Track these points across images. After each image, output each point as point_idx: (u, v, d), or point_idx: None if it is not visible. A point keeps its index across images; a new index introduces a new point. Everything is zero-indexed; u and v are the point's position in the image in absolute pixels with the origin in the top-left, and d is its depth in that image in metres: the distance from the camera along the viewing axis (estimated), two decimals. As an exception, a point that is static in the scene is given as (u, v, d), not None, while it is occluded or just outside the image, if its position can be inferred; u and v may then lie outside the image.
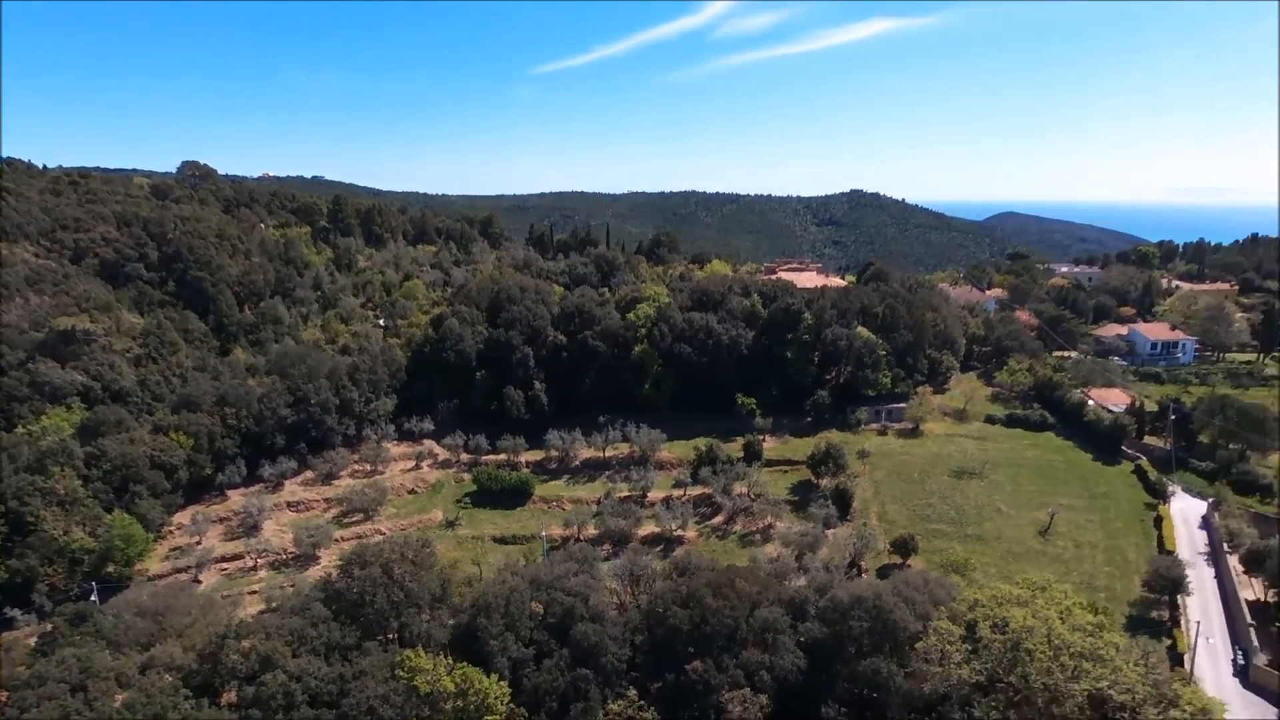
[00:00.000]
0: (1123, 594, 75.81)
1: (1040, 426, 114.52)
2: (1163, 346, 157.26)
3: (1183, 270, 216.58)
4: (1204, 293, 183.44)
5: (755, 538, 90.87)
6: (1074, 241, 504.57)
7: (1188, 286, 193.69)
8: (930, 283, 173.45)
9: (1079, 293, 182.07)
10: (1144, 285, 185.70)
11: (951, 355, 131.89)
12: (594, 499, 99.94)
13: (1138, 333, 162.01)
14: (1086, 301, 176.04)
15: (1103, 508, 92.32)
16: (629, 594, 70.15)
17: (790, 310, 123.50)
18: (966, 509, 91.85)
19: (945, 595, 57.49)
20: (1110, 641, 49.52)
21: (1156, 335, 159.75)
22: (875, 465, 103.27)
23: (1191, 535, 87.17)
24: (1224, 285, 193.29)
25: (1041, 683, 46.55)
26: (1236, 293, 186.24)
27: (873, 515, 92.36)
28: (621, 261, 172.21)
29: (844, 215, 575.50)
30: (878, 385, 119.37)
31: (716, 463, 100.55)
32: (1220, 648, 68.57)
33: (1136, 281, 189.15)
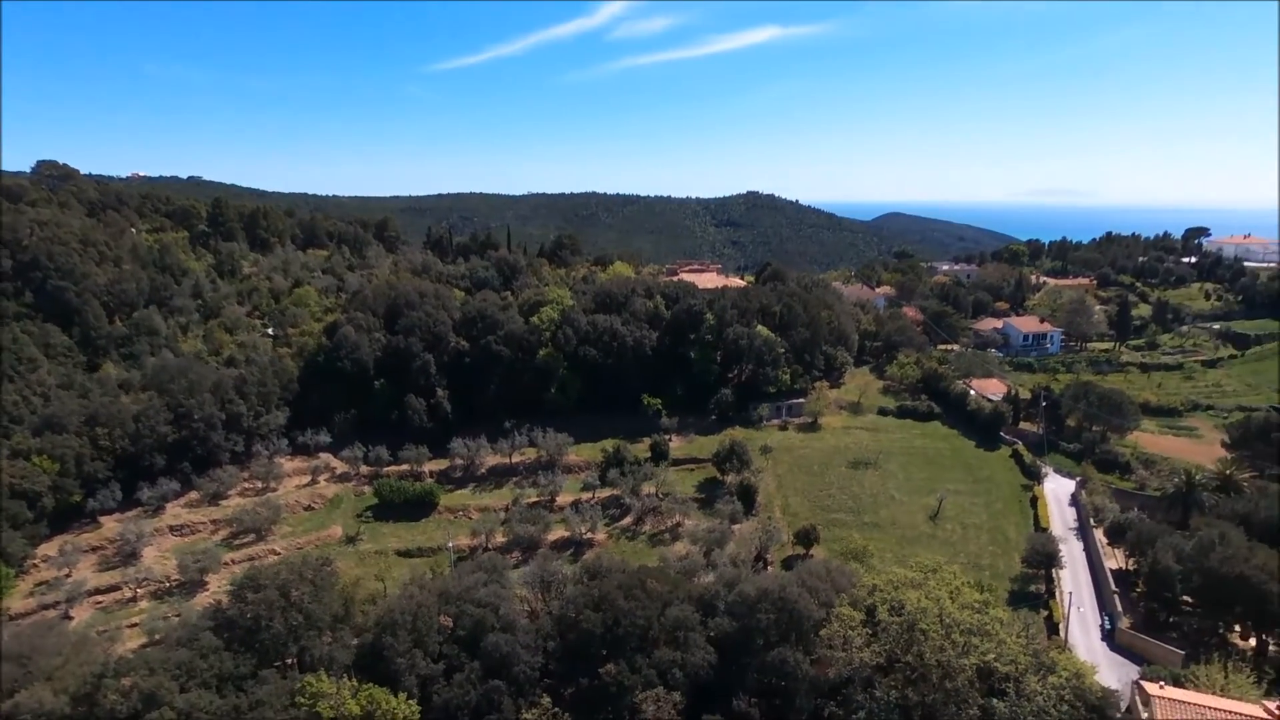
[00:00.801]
0: (1005, 571, 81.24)
1: (928, 416, 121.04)
2: (1033, 338, 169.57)
3: (1049, 267, 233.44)
4: (1067, 287, 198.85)
5: (664, 536, 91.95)
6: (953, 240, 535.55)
7: (1053, 282, 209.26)
8: (824, 281, 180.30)
9: (959, 289, 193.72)
10: (1015, 281, 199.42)
11: (846, 351, 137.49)
12: (502, 506, 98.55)
13: (1011, 326, 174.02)
14: (966, 297, 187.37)
15: (985, 491, 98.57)
16: (540, 600, 69.59)
17: (693, 311, 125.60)
18: (863, 498, 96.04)
19: (846, 582, 59.86)
20: (995, 617, 52.96)
21: (1028, 328, 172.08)
22: (777, 460, 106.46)
23: (1063, 512, 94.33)
24: (1084, 280, 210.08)
25: (935, 659, 49.27)
26: (1095, 287, 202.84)
27: (776, 508, 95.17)
28: (524, 264, 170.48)
29: (741, 216, 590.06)
30: (778, 382, 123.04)
31: (624, 464, 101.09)
32: (1090, 615, 74.51)
33: (1009, 278, 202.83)
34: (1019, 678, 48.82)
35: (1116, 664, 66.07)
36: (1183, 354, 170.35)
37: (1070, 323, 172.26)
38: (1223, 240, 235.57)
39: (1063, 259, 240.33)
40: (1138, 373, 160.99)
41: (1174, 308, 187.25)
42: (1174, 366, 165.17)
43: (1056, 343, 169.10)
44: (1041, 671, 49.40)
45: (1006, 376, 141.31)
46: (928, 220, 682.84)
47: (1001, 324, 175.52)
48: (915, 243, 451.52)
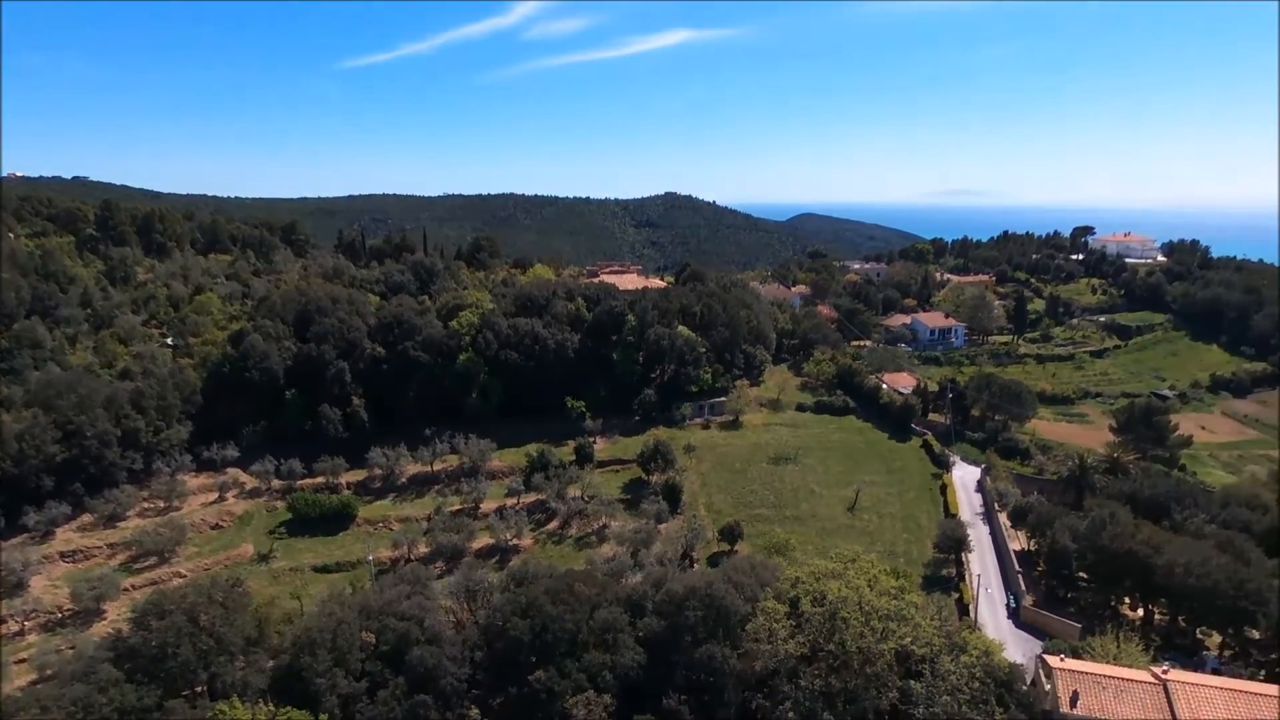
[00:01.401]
0: (918, 557, 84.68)
1: (843, 411, 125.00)
2: (939, 333, 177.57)
3: (952, 265, 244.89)
4: (969, 284, 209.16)
5: (591, 539, 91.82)
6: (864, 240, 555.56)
7: (956, 279, 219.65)
8: (742, 281, 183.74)
9: (870, 287, 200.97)
10: (922, 279, 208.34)
11: (765, 349, 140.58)
12: (423, 516, 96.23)
13: (919, 321, 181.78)
14: (876, 295, 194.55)
15: (899, 481, 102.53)
16: (466, 610, 68.34)
17: (614, 312, 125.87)
18: (785, 493, 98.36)
19: (770, 576, 61.19)
20: (911, 602, 55.21)
21: (934, 323, 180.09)
22: (701, 458, 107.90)
23: (970, 499, 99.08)
24: (984, 277, 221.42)
25: (856, 646, 50.96)
26: (994, 283, 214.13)
27: (701, 506, 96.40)
28: (441, 267, 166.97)
29: (660, 217, 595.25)
30: (700, 381, 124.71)
31: (549, 468, 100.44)
32: (997, 595, 78.55)
33: (916, 276, 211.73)
34: (934, 659, 51.05)
35: (1022, 640, 69.86)
36: (1073, 345, 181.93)
37: (973, 318, 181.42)
38: (1106, 238, 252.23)
39: (964, 257, 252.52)
40: (1034, 364, 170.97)
41: (1065, 302, 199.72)
42: (1066, 357, 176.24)
43: (960, 337, 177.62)
44: (954, 652, 51.80)
45: (916, 370, 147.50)
46: (840, 220, 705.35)
47: (910, 320, 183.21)
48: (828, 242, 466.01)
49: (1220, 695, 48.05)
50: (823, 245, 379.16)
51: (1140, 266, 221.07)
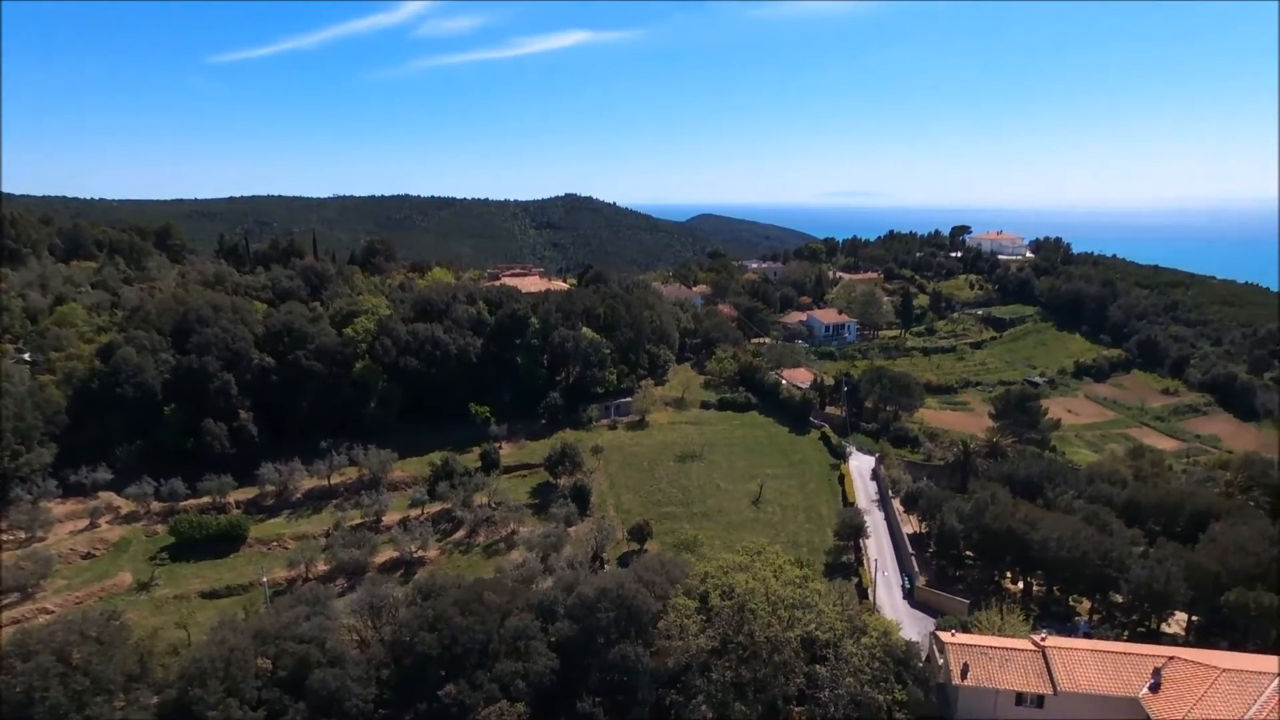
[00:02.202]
0: (820, 545, 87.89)
1: (746, 407, 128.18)
2: (834, 329, 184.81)
3: (843, 263, 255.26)
4: (860, 281, 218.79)
5: (500, 546, 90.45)
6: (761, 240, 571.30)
7: (848, 277, 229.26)
8: (645, 282, 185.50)
9: (767, 286, 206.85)
10: (816, 277, 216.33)
11: (668, 349, 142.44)
12: (321, 532, 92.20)
13: (814, 318, 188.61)
14: (774, 293, 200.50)
15: (800, 473, 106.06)
16: (370, 628, 65.88)
17: (517, 316, 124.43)
18: (692, 490, 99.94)
19: (680, 573, 62.03)
20: (814, 589, 57.23)
21: (828, 319, 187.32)
22: (609, 459, 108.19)
23: (866, 487, 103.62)
24: (873, 274, 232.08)
25: (764, 636, 52.39)
26: (883, 280, 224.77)
27: (610, 507, 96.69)
28: (333, 272, 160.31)
29: (560, 219, 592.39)
30: (605, 382, 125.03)
31: (454, 476, 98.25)
32: (893, 577, 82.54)
33: (810, 274, 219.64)
34: (837, 643, 53.12)
35: (917, 619, 73.68)
36: (955, 338, 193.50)
37: (864, 314, 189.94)
38: (981, 236, 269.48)
39: (855, 256, 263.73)
40: (920, 356, 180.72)
41: (946, 297, 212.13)
42: (948, 349, 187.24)
43: (853, 332, 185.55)
44: (856, 635, 54.07)
45: (813, 365, 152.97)
46: (737, 221, 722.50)
47: (806, 317, 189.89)
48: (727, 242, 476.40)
49: (1091, 657, 52.23)
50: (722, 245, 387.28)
51: (1011, 263, 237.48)
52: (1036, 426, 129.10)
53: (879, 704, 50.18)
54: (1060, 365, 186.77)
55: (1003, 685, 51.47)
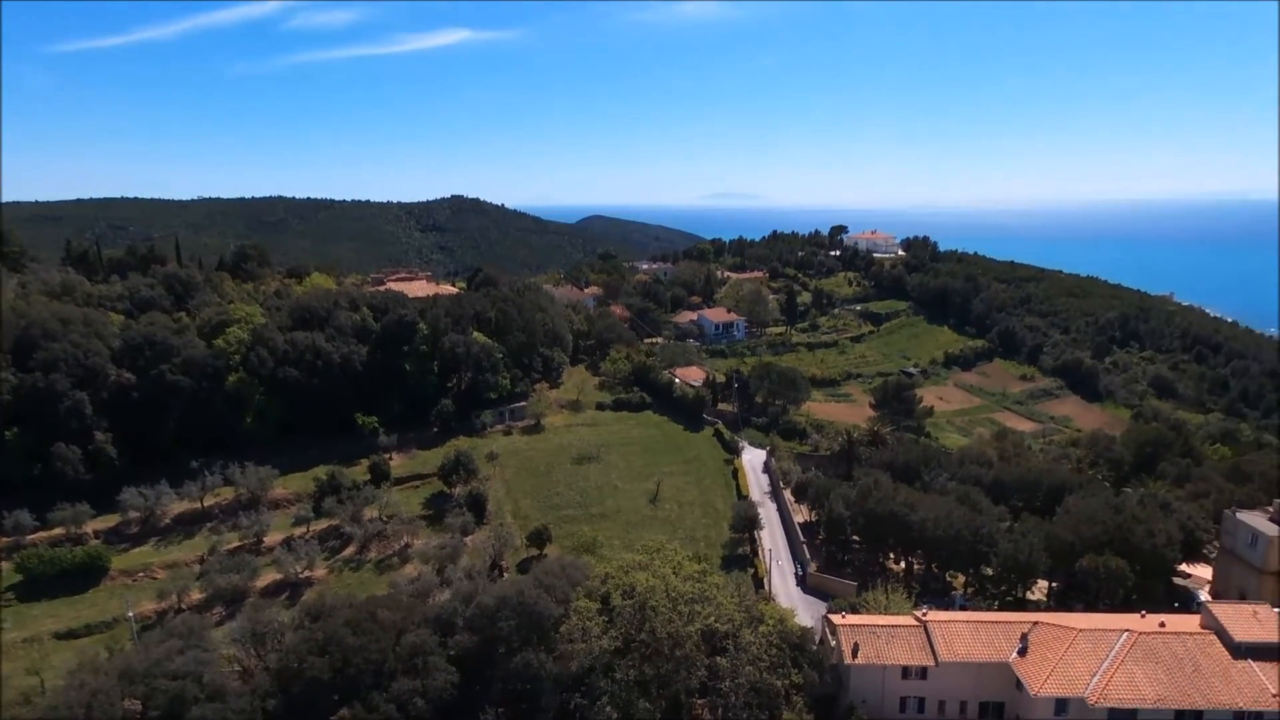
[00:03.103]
0: (716, 539, 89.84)
1: (640, 407, 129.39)
2: (723, 327, 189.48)
3: (731, 263, 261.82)
4: (746, 280, 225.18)
5: (393, 561, 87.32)
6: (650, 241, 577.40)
7: (735, 276, 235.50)
8: (536, 285, 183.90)
9: (658, 286, 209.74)
10: (705, 277, 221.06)
11: (562, 351, 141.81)
12: (195, 558, 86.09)
13: (705, 317, 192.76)
14: (665, 293, 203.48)
15: (695, 470, 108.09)
16: (254, 657, 62.17)
17: (404, 321, 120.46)
18: (589, 491, 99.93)
19: (580, 575, 61.94)
20: (713, 583, 58.56)
21: (718, 318, 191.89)
22: (504, 465, 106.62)
23: (759, 479, 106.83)
24: (759, 273, 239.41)
25: (666, 632, 53.10)
26: (768, 279, 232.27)
27: (508, 514, 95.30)
28: (200, 280, 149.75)
29: (447, 221, 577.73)
30: (499, 387, 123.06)
31: (341, 490, 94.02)
32: (786, 566, 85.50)
33: (700, 274, 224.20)
34: (736, 634, 54.53)
35: (810, 604, 76.62)
36: (836, 333, 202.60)
37: (751, 312, 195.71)
38: (857, 236, 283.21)
39: (741, 255, 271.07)
40: (805, 351, 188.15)
41: (827, 294, 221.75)
42: (831, 344, 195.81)
43: (742, 330, 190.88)
44: (753, 624, 55.69)
45: (705, 363, 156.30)
46: (627, 222, 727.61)
47: (696, 316, 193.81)
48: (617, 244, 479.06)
49: (967, 628, 56.03)
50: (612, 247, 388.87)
51: (885, 261, 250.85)
52: (912, 414, 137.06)
53: (777, 689, 51.92)
54: (931, 356, 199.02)
55: (890, 661, 54.40)
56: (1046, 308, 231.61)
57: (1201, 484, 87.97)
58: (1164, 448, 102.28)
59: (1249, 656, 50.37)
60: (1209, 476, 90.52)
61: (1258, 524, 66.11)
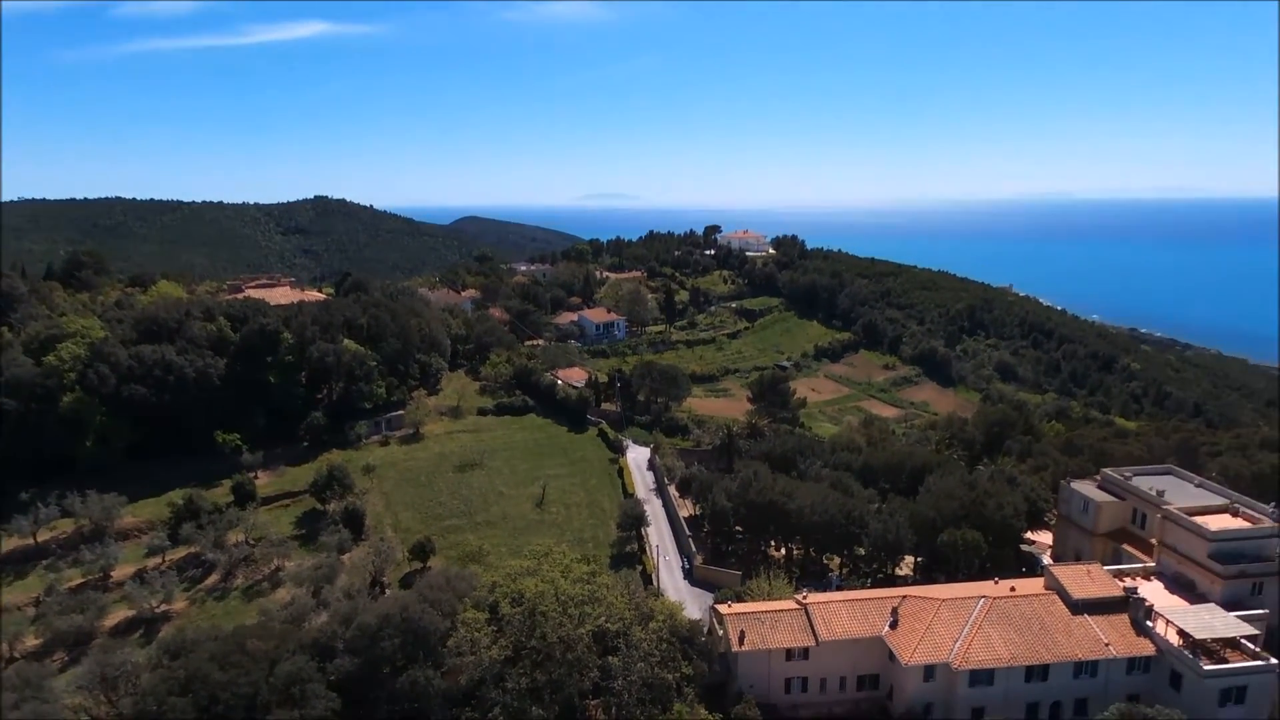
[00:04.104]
0: (605, 539, 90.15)
1: (524, 410, 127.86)
2: (604, 327, 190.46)
3: (609, 263, 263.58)
4: (625, 280, 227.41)
5: (263, 586, 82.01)
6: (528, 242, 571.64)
7: (614, 276, 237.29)
8: (410, 289, 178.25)
9: (537, 288, 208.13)
10: (584, 278, 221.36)
11: (440, 357, 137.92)
12: (29, 600, 77.53)
13: (585, 318, 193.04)
14: (544, 295, 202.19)
15: (581, 471, 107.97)
16: (105, 703, 56.81)
17: (267, 331, 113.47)
18: (473, 499, 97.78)
19: (467, 586, 60.54)
20: (602, 583, 58.74)
21: (599, 318, 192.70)
22: (383, 477, 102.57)
23: (644, 477, 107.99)
24: (637, 273, 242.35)
25: (557, 636, 52.82)
26: (646, 278, 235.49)
27: (388, 527, 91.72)
28: (24, 291, 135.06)
29: (311, 223, 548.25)
30: (373, 397, 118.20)
31: (201, 515, 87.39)
32: (674, 560, 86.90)
33: (579, 275, 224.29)
34: (627, 632, 54.97)
35: (698, 596, 78.24)
36: (714, 330, 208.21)
37: (631, 311, 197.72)
38: (730, 235, 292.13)
39: (619, 255, 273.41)
40: (685, 349, 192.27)
41: (704, 292, 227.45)
42: (709, 341, 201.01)
43: (623, 329, 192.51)
44: (644, 621, 56.32)
45: (587, 364, 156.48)
46: (504, 223, 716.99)
47: (577, 317, 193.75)
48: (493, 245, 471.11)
49: (844, 607, 59.08)
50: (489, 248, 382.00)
51: (757, 259, 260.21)
52: (787, 406, 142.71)
53: (669, 683, 52.77)
54: (803, 350, 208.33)
55: (774, 645, 56.51)
56: (904, 301, 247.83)
57: (1041, 458, 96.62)
58: (1009, 427, 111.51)
59: (1085, 611, 55.92)
60: (1047, 451, 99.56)
61: (1089, 492, 73.47)
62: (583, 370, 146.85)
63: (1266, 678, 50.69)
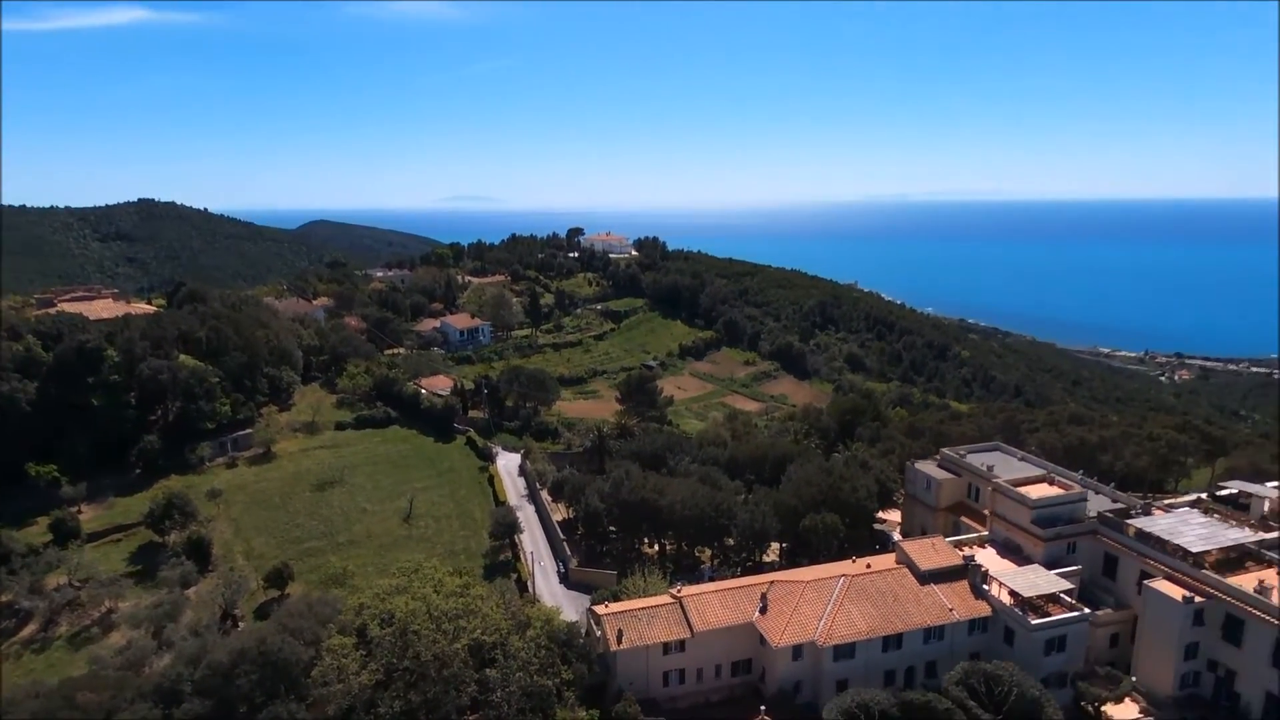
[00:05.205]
0: (477, 549, 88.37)
1: (386, 422, 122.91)
2: (468, 333, 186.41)
3: (471, 267, 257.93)
4: (489, 284, 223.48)
5: (93, 632, 74.13)
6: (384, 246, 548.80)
7: (476, 280, 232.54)
8: (255, 298, 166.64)
9: (396, 294, 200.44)
10: (446, 282, 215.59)
11: (291, 370, 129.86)
12: None
13: (448, 324, 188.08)
14: (404, 301, 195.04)
15: (449, 481, 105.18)
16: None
17: (86, 349, 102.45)
18: (334, 519, 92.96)
19: (331, 611, 57.45)
20: (476, 595, 57.32)
21: (462, 324, 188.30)
22: (231, 502, 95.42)
23: (515, 483, 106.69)
24: (500, 277, 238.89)
25: (431, 654, 51.04)
26: (510, 282, 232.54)
27: (239, 556, 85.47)
28: None
29: (135, 228, 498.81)
30: (217, 416, 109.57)
31: (11, 558, 77.71)
32: (549, 565, 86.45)
33: (440, 280, 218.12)
34: (504, 642, 53.97)
35: (574, 599, 78.23)
36: (580, 332, 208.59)
37: (495, 316, 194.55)
38: (593, 237, 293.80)
39: (481, 259, 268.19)
40: (552, 352, 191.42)
41: (569, 295, 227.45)
42: (576, 343, 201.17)
43: (487, 335, 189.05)
44: (521, 629, 55.50)
45: (451, 371, 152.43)
46: (356, 227, 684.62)
47: (439, 323, 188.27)
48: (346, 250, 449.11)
49: (716, 597, 60.91)
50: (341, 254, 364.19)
51: (620, 260, 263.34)
52: (655, 405, 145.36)
53: (549, 689, 52.34)
54: (668, 349, 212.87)
55: (651, 640, 57.43)
56: (761, 299, 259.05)
57: (889, 442, 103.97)
58: (860, 415, 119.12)
59: (932, 581, 60.67)
60: (893, 435, 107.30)
61: (930, 471, 79.79)
62: (448, 378, 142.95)
63: (1082, 626, 57.07)
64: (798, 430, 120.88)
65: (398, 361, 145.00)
